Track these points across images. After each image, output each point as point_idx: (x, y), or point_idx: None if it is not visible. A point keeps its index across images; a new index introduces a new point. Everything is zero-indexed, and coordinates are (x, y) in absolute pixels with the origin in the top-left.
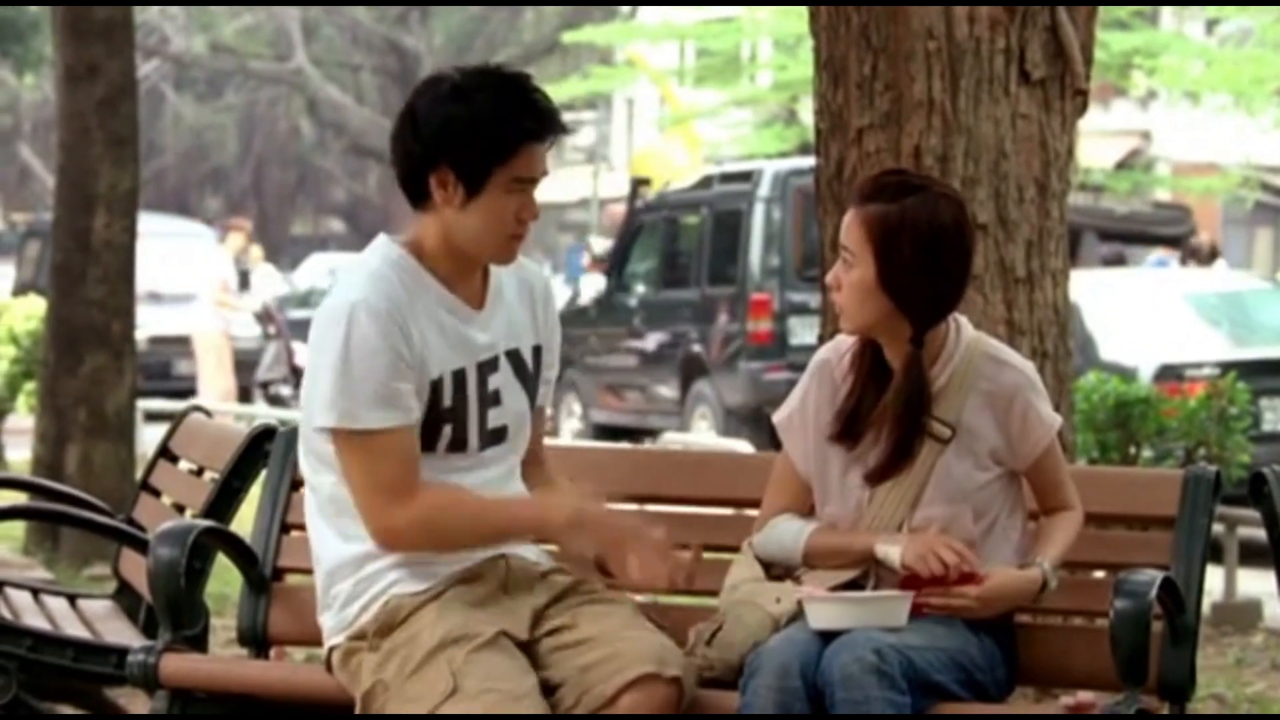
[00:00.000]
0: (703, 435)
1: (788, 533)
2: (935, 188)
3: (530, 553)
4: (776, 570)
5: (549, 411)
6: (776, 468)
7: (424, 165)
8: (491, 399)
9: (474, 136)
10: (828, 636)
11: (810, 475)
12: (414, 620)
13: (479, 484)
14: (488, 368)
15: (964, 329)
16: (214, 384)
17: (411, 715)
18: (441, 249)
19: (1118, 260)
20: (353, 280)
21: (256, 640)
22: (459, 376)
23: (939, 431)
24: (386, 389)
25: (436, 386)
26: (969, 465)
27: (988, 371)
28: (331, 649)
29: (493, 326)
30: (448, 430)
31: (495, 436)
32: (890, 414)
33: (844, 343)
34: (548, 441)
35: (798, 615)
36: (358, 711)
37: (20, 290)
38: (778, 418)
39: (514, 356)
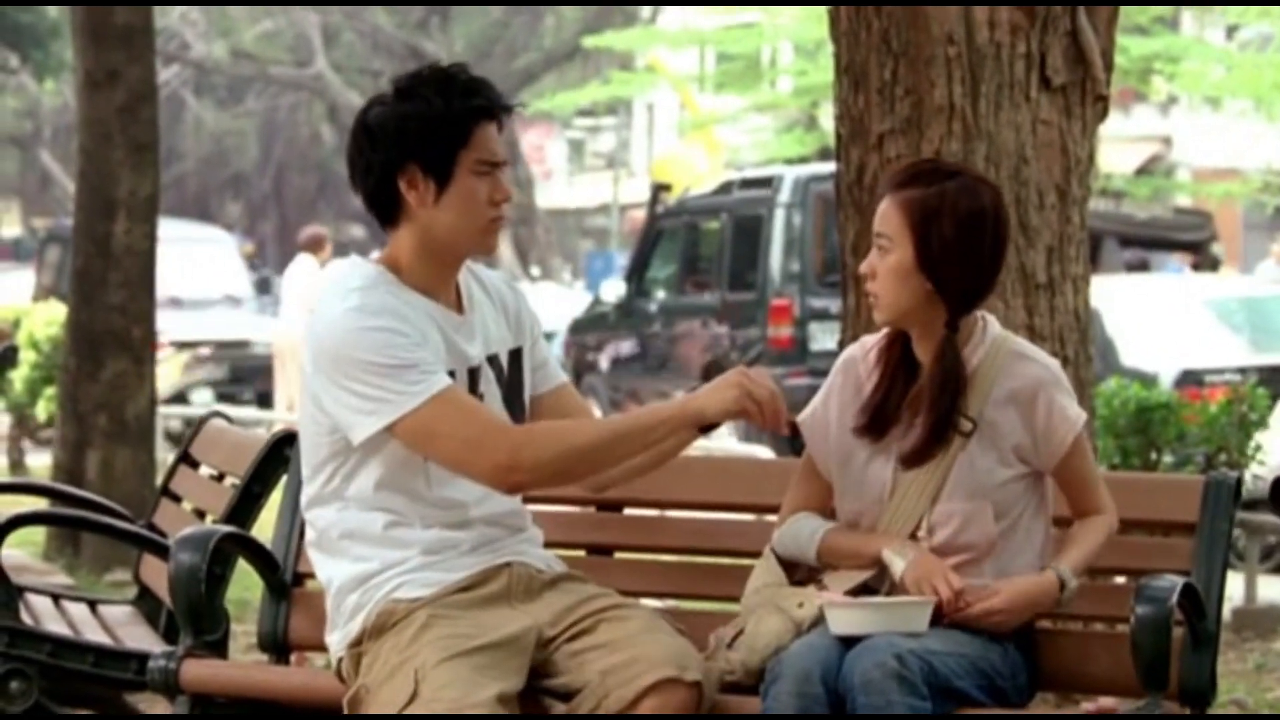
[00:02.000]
0: (724, 441)
1: (804, 531)
2: (971, 173)
3: (537, 560)
4: (799, 574)
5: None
6: (799, 466)
7: (389, 171)
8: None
9: (432, 126)
10: (849, 642)
11: (831, 473)
12: (404, 625)
13: (475, 499)
14: (476, 373)
15: (991, 325)
16: (291, 389)
17: (368, 716)
18: (419, 258)
19: (1141, 266)
20: (338, 294)
21: (277, 646)
22: (451, 378)
23: (961, 425)
24: (411, 359)
25: None
26: (991, 460)
27: (1012, 368)
28: (339, 662)
29: (475, 335)
30: None
31: None
32: (926, 397)
33: (869, 341)
34: None
35: (820, 620)
36: (346, 715)
37: (41, 295)
38: (802, 416)
39: (494, 362)
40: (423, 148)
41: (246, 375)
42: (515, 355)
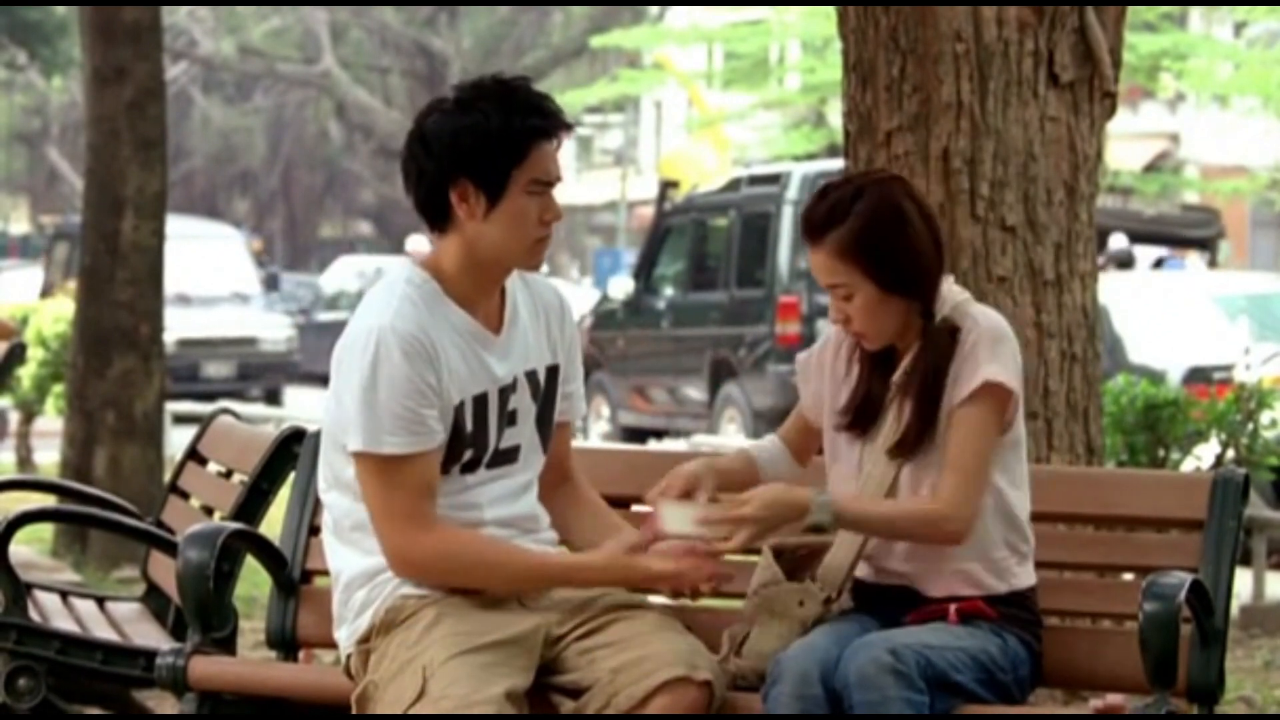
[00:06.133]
0: (731, 437)
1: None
2: (865, 180)
3: None
4: (788, 554)
5: (578, 419)
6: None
7: (442, 182)
8: (508, 419)
9: (487, 143)
10: (847, 640)
11: (819, 421)
12: (413, 621)
13: (489, 500)
14: (507, 390)
15: (952, 295)
16: None
17: (375, 717)
18: (463, 269)
19: (1127, 261)
20: (378, 305)
21: (285, 643)
22: (480, 401)
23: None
24: (412, 414)
25: (458, 411)
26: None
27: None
28: (347, 658)
29: (511, 352)
30: (469, 454)
31: (506, 456)
32: (914, 389)
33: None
34: (576, 444)
35: (823, 618)
36: (353, 711)
37: (48, 292)
38: (798, 357)
39: (531, 377)
40: (476, 163)
41: (254, 372)
42: (553, 371)
